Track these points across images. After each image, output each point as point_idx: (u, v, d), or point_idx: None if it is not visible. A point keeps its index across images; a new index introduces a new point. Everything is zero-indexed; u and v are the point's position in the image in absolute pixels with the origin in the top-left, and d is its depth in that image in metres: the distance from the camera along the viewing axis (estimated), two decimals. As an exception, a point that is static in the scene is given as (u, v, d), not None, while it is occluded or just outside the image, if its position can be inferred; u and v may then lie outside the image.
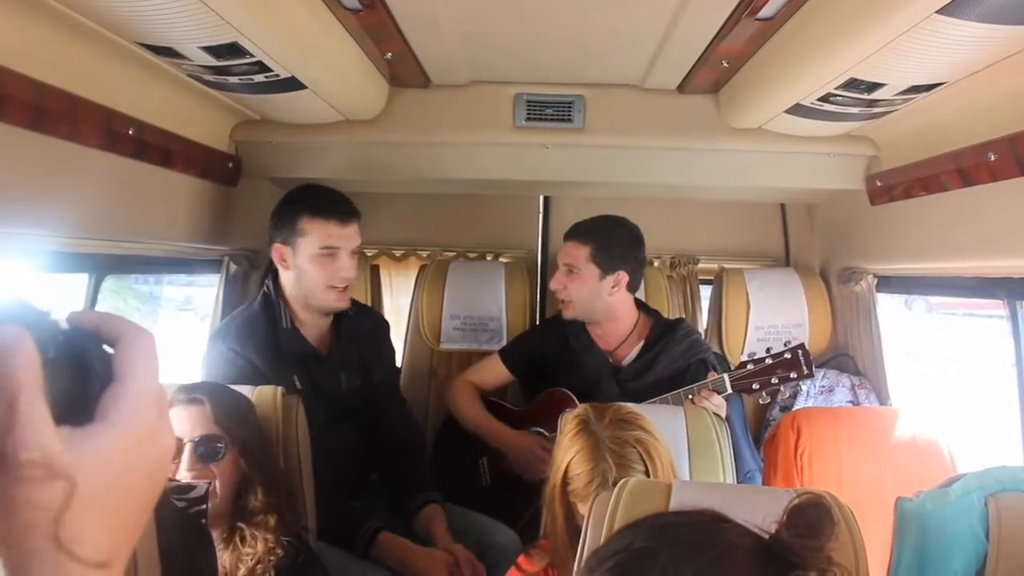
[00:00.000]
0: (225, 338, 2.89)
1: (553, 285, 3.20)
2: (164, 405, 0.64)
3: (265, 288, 3.00)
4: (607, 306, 3.16)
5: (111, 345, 0.63)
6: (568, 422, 2.23)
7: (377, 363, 3.16)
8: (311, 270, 2.88)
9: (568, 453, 2.15)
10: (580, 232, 3.16)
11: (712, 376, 2.88)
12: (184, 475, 2.17)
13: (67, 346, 0.60)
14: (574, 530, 2.10)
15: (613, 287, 3.13)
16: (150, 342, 0.64)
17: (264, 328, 2.91)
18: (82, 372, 0.61)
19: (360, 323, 3.13)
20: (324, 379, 2.96)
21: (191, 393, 2.29)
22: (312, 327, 2.99)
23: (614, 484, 1.88)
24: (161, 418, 0.63)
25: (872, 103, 2.59)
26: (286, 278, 2.94)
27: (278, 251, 2.93)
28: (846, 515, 1.61)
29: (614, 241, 3.13)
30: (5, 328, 0.55)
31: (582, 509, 2.08)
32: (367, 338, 3.15)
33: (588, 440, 2.13)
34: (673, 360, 3.14)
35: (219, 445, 2.24)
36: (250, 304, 3.04)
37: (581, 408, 2.25)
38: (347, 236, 2.91)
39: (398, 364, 3.62)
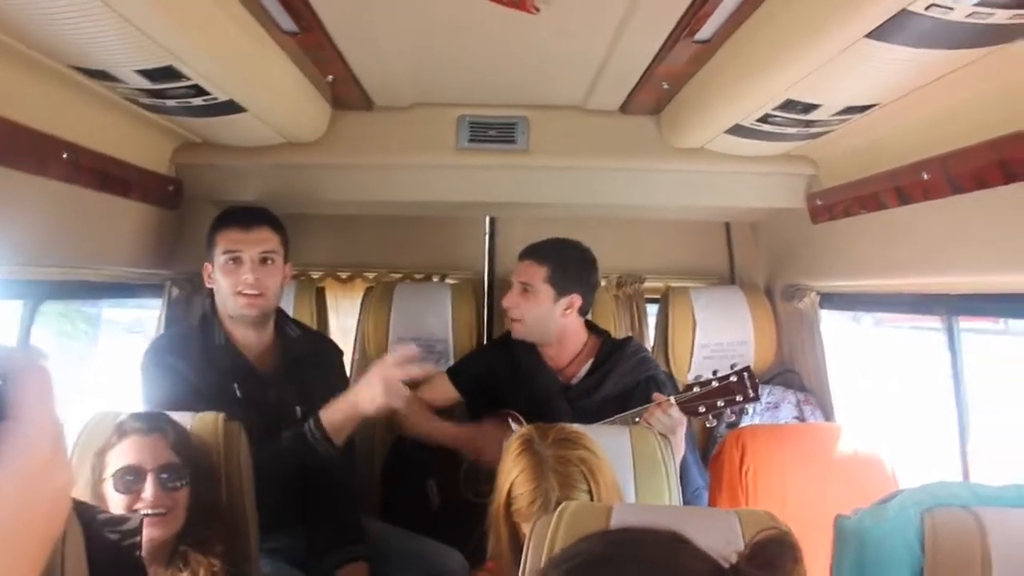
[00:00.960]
0: (158, 352, 2.88)
1: (506, 302, 3.19)
2: (61, 441, 0.62)
3: (204, 307, 3.00)
4: (558, 327, 3.16)
5: (2, 381, 0.61)
6: (512, 442, 2.22)
7: (323, 391, 3.00)
8: (220, 279, 2.88)
9: (511, 473, 2.14)
10: (537, 252, 3.16)
11: (660, 398, 2.88)
12: (147, 503, 2.17)
13: None
14: (518, 550, 2.09)
15: (566, 309, 3.13)
16: (44, 376, 0.62)
17: (198, 343, 2.89)
18: None
19: (304, 346, 3.07)
20: (257, 395, 2.90)
21: (149, 422, 2.28)
22: (248, 345, 2.95)
23: (557, 504, 1.88)
24: (56, 455, 0.62)
25: (809, 123, 2.63)
26: (215, 296, 2.93)
27: (206, 271, 2.95)
28: (793, 541, 1.61)
29: (570, 264, 3.14)
30: None
31: (525, 528, 2.07)
32: (313, 362, 3.07)
33: (531, 460, 2.12)
34: (622, 377, 3.14)
35: (180, 473, 2.25)
36: (188, 322, 3.03)
37: (526, 428, 2.24)
38: (249, 241, 2.87)
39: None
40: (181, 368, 2.82)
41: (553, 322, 3.15)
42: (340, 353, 3.34)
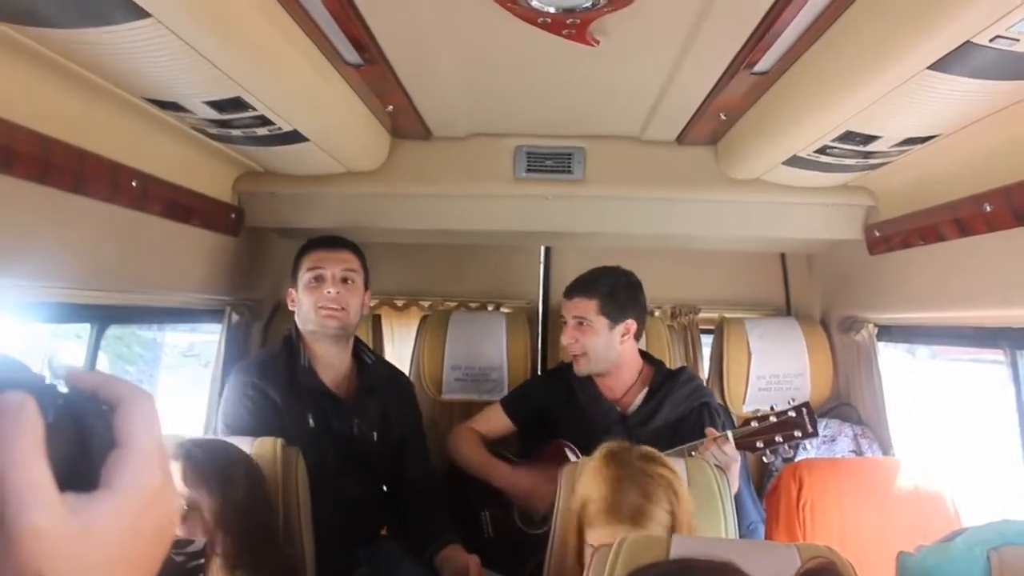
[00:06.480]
0: (248, 372, 2.98)
1: (565, 340, 3.19)
2: (167, 467, 0.63)
3: (288, 330, 3.09)
4: (618, 355, 3.18)
5: (111, 408, 0.62)
6: (596, 456, 2.26)
7: (401, 419, 3.19)
8: (303, 298, 2.99)
9: (591, 483, 2.17)
10: (583, 287, 3.17)
11: (713, 434, 2.87)
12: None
13: (66, 410, 0.59)
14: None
15: (624, 336, 3.15)
16: (151, 404, 0.63)
17: (284, 364, 2.99)
18: (83, 437, 0.60)
19: (380, 374, 3.19)
20: (337, 421, 2.99)
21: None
22: (329, 368, 3.03)
23: (631, 518, 2.00)
24: (165, 481, 0.62)
25: (868, 155, 2.61)
26: (297, 318, 3.04)
27: (290, 295, 3.08)
28: (847, 570, 1.60)
29: (618, 290, 3.15)
30: (10, 395, 0.54)
31: (592, 539, 2.10)
32: (390, 391, 3.19)
33: (617, 471, 2.16)
34: (677, 404, 3.14)
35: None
36: (274, 344, 3.16)
37: (609, 444, 2.29)
38: (332, 259, 3.02)
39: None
40: (267, 388, 2.92)
41: (613, 351, 3.16)
42: (411, 385, 3.46)
